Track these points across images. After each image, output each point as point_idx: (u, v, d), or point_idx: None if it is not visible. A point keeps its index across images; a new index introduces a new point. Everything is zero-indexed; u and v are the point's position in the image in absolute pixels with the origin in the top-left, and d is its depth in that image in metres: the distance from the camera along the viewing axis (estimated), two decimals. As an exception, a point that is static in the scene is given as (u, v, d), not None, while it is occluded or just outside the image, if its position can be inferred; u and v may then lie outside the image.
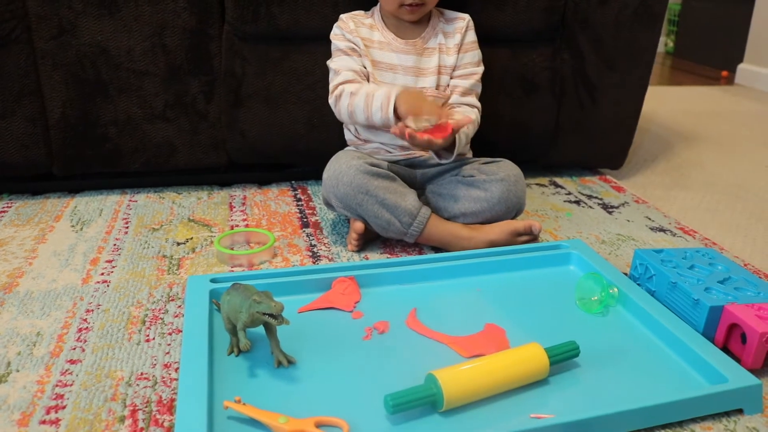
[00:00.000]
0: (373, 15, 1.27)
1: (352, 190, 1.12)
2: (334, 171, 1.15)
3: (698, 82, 3.14)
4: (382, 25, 1.25)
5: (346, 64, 1.22)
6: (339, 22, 1.26)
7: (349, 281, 1.00)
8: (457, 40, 1.25)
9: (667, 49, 3.99)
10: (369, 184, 1.12)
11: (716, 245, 1.26)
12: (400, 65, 1.24)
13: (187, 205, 1.39)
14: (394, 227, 1.14)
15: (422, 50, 1.25)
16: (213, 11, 1.32)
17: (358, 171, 1.13)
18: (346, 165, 1.14)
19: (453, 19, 1.27)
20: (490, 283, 1.05)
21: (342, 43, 1.24)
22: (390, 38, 1.24)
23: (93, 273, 1.11)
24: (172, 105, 1.37)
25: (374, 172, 1.14)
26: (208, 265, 1.14)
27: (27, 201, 1.42)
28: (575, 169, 1.65)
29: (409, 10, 1.19)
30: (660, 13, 1.44)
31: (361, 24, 1.25)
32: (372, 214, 1.13)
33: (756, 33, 3.01)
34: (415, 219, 1.13)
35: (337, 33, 1.25)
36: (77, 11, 1.29)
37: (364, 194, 1.12)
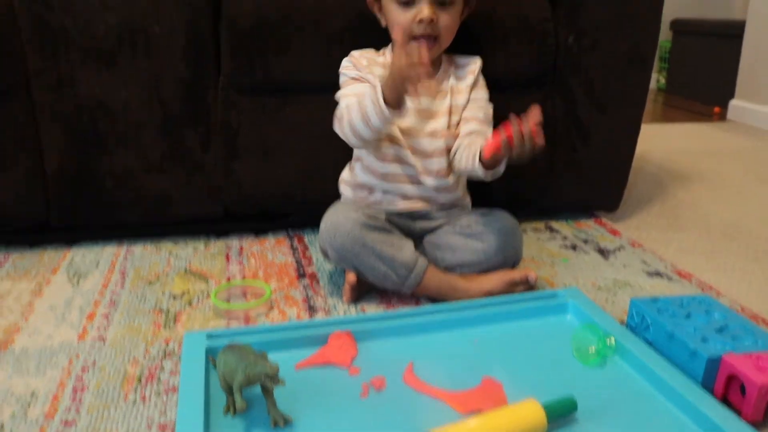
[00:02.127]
0: (386, 54, 1.27)
1: (349, 242, 1.12)
2: (332, 222, 1.15)
3: (691, 118, 3.16)
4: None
5: (355, 91, 1.20)
6: (350, 58, 1.25)
7: (346, 336, 1.00)
8: (469, 81, 1.26)
9: (659, 86, 4.03)
10: (366, 236, 1.12)
11: (713, 289, 1.26)
12: (412, 107, 1.22)
13: (183, 256, 1.39)
14: (390, 279, 1.14)
15: (435, 93, 1.24)
16: (209, 63, 1.34)
17: (356, 223, 1.13)
18: (343, 216, 1.14)
19: (465, 63, 1.28)
20: (487, 334, 1.04)
21: (353, 72, 1.23)
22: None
23: (89, 328, 1.10)
24: (168, 156, 1.38)
25: (371, 225, 1.14)
26: (204, 318, 1.13)
27: (24, 253, 1.42)
28: (571, 211, 1.65)
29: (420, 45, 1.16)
30: (650, 57, 1.47)
31: (374, 62, 1.24)
32: (369, 266, 1.13)
33: (746, 69, 3.05)
34: (411, 272, 1.13)
35: (347, 65, 1.24)
36: (75, 65, 1.30)
37: (361, 246, 1.12)
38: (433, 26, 1.16)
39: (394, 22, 1.18)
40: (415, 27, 1.16)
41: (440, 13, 1.16)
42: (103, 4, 1.27)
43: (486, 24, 1.35)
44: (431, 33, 1.16)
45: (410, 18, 1.15)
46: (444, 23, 1.17)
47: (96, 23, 1.28)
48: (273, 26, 1.30)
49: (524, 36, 1.37)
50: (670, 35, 3.83)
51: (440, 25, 1.16)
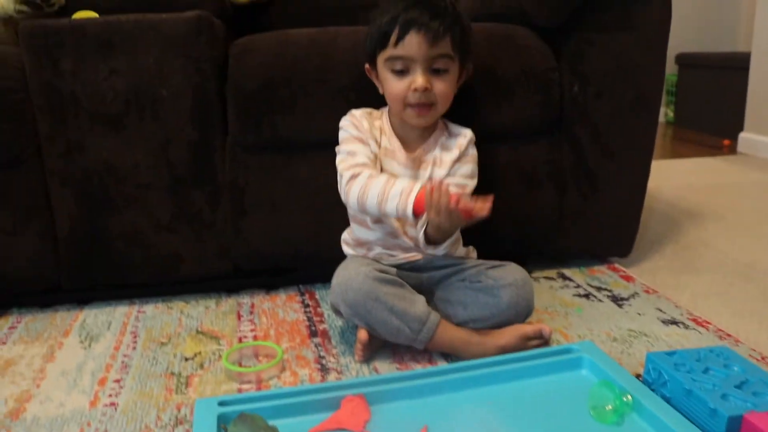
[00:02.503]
0: (383, 116, 1.27)
1: (362, 297, 1.12)
2: (343, 277, 1.15)
3: (700, 152, 3.15)
4: (391, 131, 1.25)
5: (360, 149, 1.21)
6: (351, 117, 1.25)
7: (358, 399, 0.98)
8: (454, 156, 1.24)
9: (667, 119, 4.03)
10: (378, 290, 1.12)
11: (731, 336, 1.24)
12: (399, 176, 1.21)
13: (195, 316, 1.39)
14: (403, 334, 1.13)
15: (419, 163, 1.25)
16: (216, 124, 1.35)
17: (367, 277, 1.12)
18: (354, 271, 1.14)
19: (456, 134, 1.27)
20: (502, 393, 1.03)
21: (353, 131, 1.23)
22: (396, 146, 1.24)
23: (101, 394, 1.10)
24: (177, 216, 1.39)
25: (383, 279, 1.13)
26: (216, 382, 1.13)
27: (36, 315, 1.42)
28: (583, 258, 1.64)
29: (416, 112, 1.19)
30: (656, 102, 1.47)
31: (373, 126, 1.25)
32: (381, 321, 1.12)
33: (753, 101, 3.05)
34: (424, 326, 1.12)
35: (348, 124, 1.24)
36: (84, 130, 1.32)
37: (374, 301, 1.11)
38: (428, 94, 1.16)
39: (389, 90, 1.20)
40: (410, 95, 1.17)
41: (435, 80, 1.17)
42: (111, 69, 1.29)
43: (491, 75, 1.36)
44: (426, 101, 1.17)
45: (405, 87, 1.17)
46: (439, 90, 1.17)
47: (104, 88, 1.30)
48: (278, 86, 1.32)
49: (529, 86, 1.37)
50: (675, 69, 3.84)
51: (435, 92, 1.17)
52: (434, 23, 1.13)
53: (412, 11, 1.13)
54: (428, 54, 1.14)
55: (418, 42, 1.13)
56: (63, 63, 1.29)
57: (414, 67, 1.16)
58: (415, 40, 1.13)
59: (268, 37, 1.37)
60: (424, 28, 1.12)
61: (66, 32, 1.28)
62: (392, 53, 1.16)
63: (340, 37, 1.35)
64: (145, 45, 1.30)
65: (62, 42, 1.28)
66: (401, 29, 1.14)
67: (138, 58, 1.30)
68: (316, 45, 1.34)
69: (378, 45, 1.18)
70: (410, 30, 1.13)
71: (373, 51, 1.21)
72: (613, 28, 1.39)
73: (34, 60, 1.29)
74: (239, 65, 1.33)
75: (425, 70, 1.15)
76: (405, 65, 1.16)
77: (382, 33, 1.16)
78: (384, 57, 1.18)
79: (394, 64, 1.17)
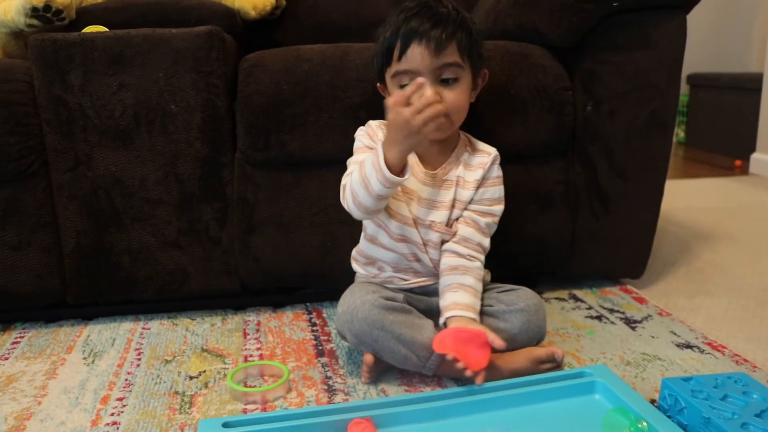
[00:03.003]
0: None
1: (368, 326, 1.09)
2: (349, 306, 1.12)
3: (712, 172, 3.13)
4: None
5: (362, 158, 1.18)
6: (368, 128, 1.22)
7: (366, 422, 0.96)
8: (478, 176, 1.20)
9: (678, 139, 4.01)
10: (384, 319, 1.09)
11: (747, 362, 1.21)
12: (417, 193, 1.20)
13: (200, 333, 1.37)
14: (411, 362, 1.11)
15: (441, 182, 1.20)
16: (225, 140, 1.34)
17: (373, 306, 1.10)
18: (360, 300, 1.11)
19: (480, 151, 1.23)
20: (514, 417, 1.00)
21: (368, 141, 1.20)
22: (413, 162, 1.20)
23: (103, 413, 1.08)
24: (185, 232, 1.37)
25: (390, 307, 1.11)
26: (221, 402, 1.10)
27: (40, 330, 1.41)
28: (595, 279, 1.61)
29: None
30: (670, 123, 1.44)
31: None
32: (388, 350, 1.10)
33: (766, 122, 3.02)
34: (432, 353, 1.10)
35: (363, 134, 1.22)
36: (93, 144, 1.31)
37: (380, 330, 1.09)
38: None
39: None
40: None
41: (445, 91, 1.12)
42: (120, 84, 1.29)
43: (504, 94, 1.34)
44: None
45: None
46: (451, 101, 1.12)
47: (113, 102, 1.29)
48: (288, 103, 1.30)
49: (542, 105, 1.35)
50: (687, 89, 3.83)
51: (447, 104, 1.11)
52: (435, 32, 1.09)
53: (412, 21, 1.11)
54: (433, 65, 1.11)
55: (421, 53, 1.10)
56: (72, 77, 1.28)
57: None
58: (417, 51, 1.10)
59: (279, 52, 1.36)
60: (425, 38, 1.09)
61: (76, 46, 1.28)
62: (397, 68, 1.13)
63: (351, 54, 1.34)
64: (155, 59, 1.29)
65: (72, 56, 1.27)
66: (403, 42, 1.11)
67: (147, 73, 1.29)
68: (327, 61, 1.33)
69: (383, 61, 1.16)
70: (411, 42, 1.10)
71: (380, 68, 1.18)
72: (628, 48, 1.37)
73: (44, 73, 1.28)
74: (249, 81, 1.32)
75: (433, 82, 1.11)
76: (412, 79, 1.10)
77: (386, 49, 1.14)
78: (390, 73, 1.16)
79: (401, 80, 1.14)
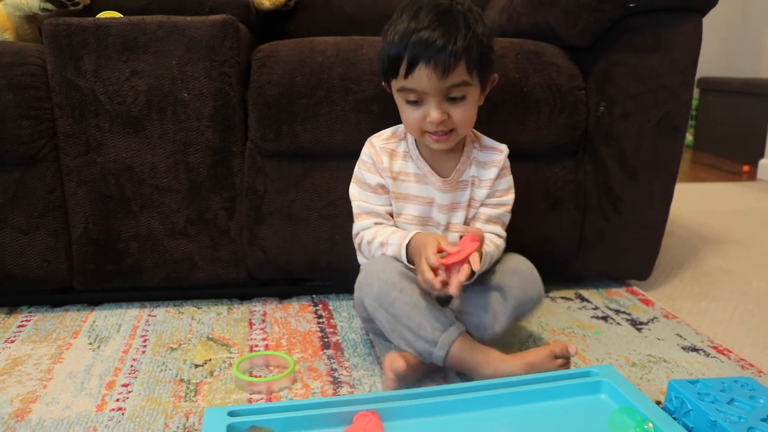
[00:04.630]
0: (407, 138, 1.22)
1: (387, 287, 1.09)
2: (371, 269, 1.13)
3: (720, 177, 3.12)
4: (417, 154, 1.20)
5: (368, 206, 1.20)
6: (371, 151, 1.20)
7: (371, 415, 0.96)
8: (492, 175, 1.20)
9: (686, 143, 4.00)
10: (404, 283, 1.09)
11: (754, 367, 1.21)
12: (437, 201, 1.20)
13: (206, 322, 1.37)
14: (423, 331, 1.07)
15: (457, 184, 1.20)
16: (236, 129, 1.34)
17: (395, 270, 1.10)
18: (382, 265, 1.12)
19: (489, 148, 1.22)
20: (518, 415, 1.00)
21: (372, 177, 1.20)
22: (426, 170, 1.20)
23: (108, 399, 1.08)
24: (193, 221, 1.37)
25: (411, 276, 1.11)
26: (226, 391, 1.10)
27: (46, 314, 1.41)
28: (601, 280, 1.61)
29: (434, 138, 1.13)
30: (682, 125, 1.44)
31: (395, 154, 1.20)
32: (404, 315, 1.08)
33: (775, 129, 3.02)
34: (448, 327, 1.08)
35: (367, 162, 1.20)
36: (104, 130, 1.31)
37: (399, 292, 1.08)
38: (446, 123, 1.11)
39: (405, 119, 1.16)
40: (426, 125, 1.12)
41: (452, 108, 1.10)
42: (133, 70, 1.29)
43: (517, 93, 1.34)
44: (444, 129, 1.12)
45: (420, 117, 1.11)
46: (458, 117, 1.11)
47: (126, 89, 1.29)
48: (301, 94, 1.30)
49: (555, 104, 1.35)
50: (697, 93, 3.82)
51: (454, 120, 1.11)
52: (444, 53, 1.04)
53: (422, 32, 1.05)
54: (440, 86, 1.07)
55: (428, 75, 1.06)
56: (85, 62, 1.28)
57: (427, 98, 1.09)
58: (424, 73, 1.06)
59: (293, 44, 1.36)
60: (434, 58, 1.04)
61: (90, 31, 1.27)
62: (404, 85, 1.10)
63: (365, 47, 1.34)
64: (169, 47, 1.29)
65: (86, 41, 1.27)
66: (410, 60, 1.06)
67: (161, 60, 1.29)
68: (340, 54, 1.32)
69: (389, 72, 1.12)
70: (420, 60, 1.05)
71: (386, 74, 1.14)
72: (643, 49, 1.37)
73: (57, 58, 1.28)
74: (262, 71, 1.32)
75: (440, 102, 1.09)
76: (418, 96, 1.09)
77: (392, 60, 1.09)
78: (396, 87, 1.13)
79: (407, 95, 1.11)
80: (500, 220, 1.23)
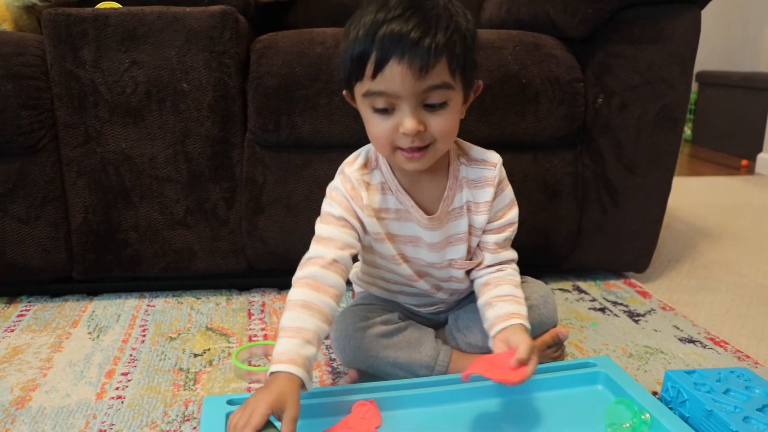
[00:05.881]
0: (380, 165, 1.01)
1: (362, 356, 1.05)
2: (341, 333, 1.07)
3: (718, 171, 3.13)
4: (396, 185, 1.00)
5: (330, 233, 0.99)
6: (347, 188, 0.98)
7: (370, 405, 0.96)
8: (488, 196, 1.01)
9: (685, 137, 4.00)
10: (378, 346, 1.05)
11: (750, 358, 1.22)
12: (423, 240, 1.03)
13: (205, 312, 1.38)
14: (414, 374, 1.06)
15: (447, 216, 1.02)
16: (235, 120, 1.34)
17: (366, 334, 1.05)
18: (353, 328, 1.05)
19: (479, 161, 1.03)
20: (517, 405, 1.00)
21: (337, 209, 0.98)
22: (408, 205, 1.00)
23: (108, 387, 1.08)
24: (192, 211, 1.37)
25: (384, 333, 1.06)
26: (225, 380, 1.11)
27: (45, 303, 1.41)
28: (599, 272, 1.62)
29: (407, 156, 0.92)
30: (681, 118, 1.44)
31: (371, 187, 1.00)
32: (385, 374, 1.06)
33: (774, 123, 3.02)
34: (434, 369, 1.06)
35: (338, 197, 0.99)
36: (103, 120, 1.31)
37: (374, 358, 1.05)
38: (423, 136, 0.90)
39: (371, 132, 0.94)
40: (398, 139, 0.90)
41: (430, 117, 0.89)
42: (132, 61, 1.29)
43: (516, 84, 1.34)
44: (420, 144, 0.90)
45: (390, 129, 0.90)
46: (437, 128, 0.90)
47: (125, 79, 1.29)
48: (300, 85, 1.30)
49: (554, 96, 1.35)
50: (696, 87, 3.82)
51: (432, 132, 0.90)
52: (421, 47, 0.84)
53: (392, 24, 0.84)
54: (416, 88, 0.86)
55: (402, 74, 0.85)
56: (85, 52, 1.28)
57: (400, 104, 0.88)
58: (397, 72, 0.85)
59: (292, 35, 1.36)
60: (409, 53, 0.84)
61: (89, 21, 1.27)
62: (370, 88, 0.88)
63: (364, 38, 1.34)
64: (169, 37, 1.29)
65: (85, 31, 1.27)
66: (379, 56, 0.85)
67: (160, 51, 1.29)
68: (339, 44, 1.32)
69: (354, 73, 0.90)
70: (390, 58, 0.84)
71: (348, 78, 0.92)
72: (641, 41, 1.37)
73: (56, 48, 1.28)
74: (262, 62, 1.32)
75: (415, 108, 0.88)
76: (389, 102, 0.88)
77: (357, 56, 0.87)
78: (361, 91, 0.91)
79: (374, 101, 0.89)
80: (509, 241, 1.08)
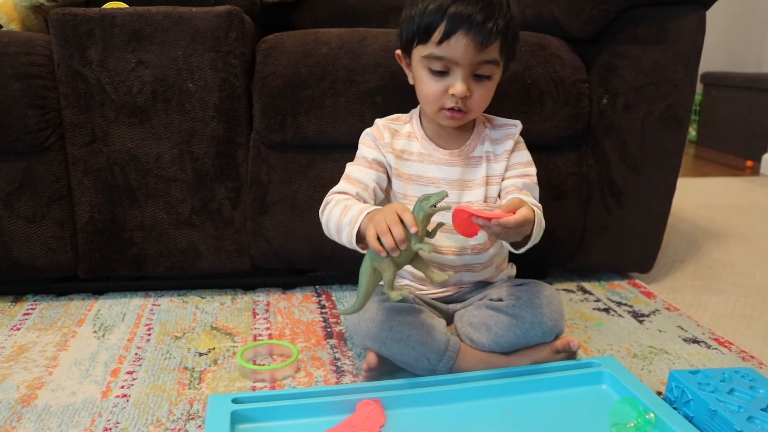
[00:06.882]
0: (412, 120, 1.19)
1: (375, 328, 1.05)
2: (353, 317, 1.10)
3: (723, 172, 3.12)
4: (422, 134, 1.17)
5: (358, 175, 1.13)
6: (373, 130, 1.17)
7: (374, 404, 0.97)
8: (507, 147, 1.16)
9: (690, 138, 4.00)
10: (392, 320, 1.05)
11: (754, 359, 1.22)
12: (444, 178, 1.15)
13: (210, 311, 1.38)
14: (420, 364, 1.06)
15: (467, 160, 1.16)
16: (241, 120, 1.34)
17: (381, 307, 1.06)
18: (371, 300, 1.07)
19: (502, 125, 1.19)
20: (521, 404, 1.01)
21: (369, 152, 1.15)
22: (431, 149, 1.16)
23: (113, 386, 1.09)
24: (198, 211, 1.38)
25: (398, 308, 1.07)
26: (230, 379, 1.11)
27: (51, 302, 1.42)
28: (603, 273, 1.62)
29: (448, 115, 1.08)
30: (685, 119, 1.44)
31: (398, 134, 1.17)
32: (397, 352, 1.06)
33: (779, 124, 3.02)
34: (443, 356, 1.06)
35: (367, 140, 1.17)
36: (109, 120, 1.32)
37: (388, 331, 1.05)
38: (465, 102, 1.06)
39: (423, 90, 1.10)
40: (445, 99, 1.07)
41: (475, 87, 1.06)
42: (138, 61, 1.29)
43: (521, 85, 1.34)
44: (462, 108, 1.07)
45: (441, 89, 1.06)
46: (478, 98, 1.07)
47: (131, 79, 1.30)
48: (306, 85, 1.31)
49: (559, 97, 1.35)
50: (700, 88, 3.81)
51: (473, 100, 1.07)
52: (487, 25, 1.00)
53: (459, 6, 1.00)
54: (474, 59, 1.03)
55: (465, 45, 1.01)
56: (91, 52, 1.28)
57: (455, 70, 1.04)
58: (462, 42, 1.01)
59: (297, 35, 1.36)
60: (474, 30, 1.00)
61: (96, 21, 1.28)
62: (433, 52, 1.04)
63: (369, 39, 1.34)
64: (175, 37, 1.29)
65: (92, 31, 1.28)
66: (448, 26, 1.00)
67: (166, 51, 1.29)
68: (345, 45, 1.33)
69: (418, 37, 1.05)
70: (459, 29, 1.00)
71: (410, 41, 1.08)
72: (646, 42, 1.37)
73: (63, 48, 1.28)
74: (267, 62, 1.32)
75: (467, 76, 1.05)
76: (445, 66, 1.04)
77: (425, 25, 1.03)
78: (423, 53, 1.06)
79: (432, 63, 1.05)
80: (530, 191, 1.17)
